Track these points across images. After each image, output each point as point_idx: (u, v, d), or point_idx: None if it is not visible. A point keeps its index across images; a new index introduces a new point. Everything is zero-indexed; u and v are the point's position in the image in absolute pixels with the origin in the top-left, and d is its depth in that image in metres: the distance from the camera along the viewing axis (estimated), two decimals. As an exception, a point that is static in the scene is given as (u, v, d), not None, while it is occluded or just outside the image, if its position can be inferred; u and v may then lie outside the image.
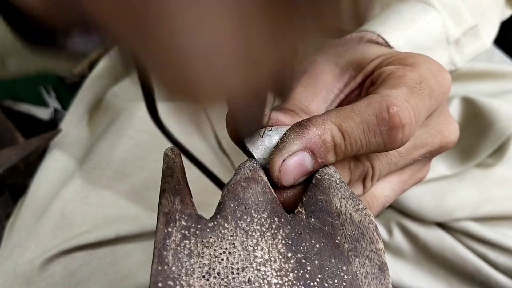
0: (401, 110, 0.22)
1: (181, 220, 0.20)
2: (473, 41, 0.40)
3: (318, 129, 0.22)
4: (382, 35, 0.33)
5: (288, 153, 0.21)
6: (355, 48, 0.29)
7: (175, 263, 0.18)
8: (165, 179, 0.21)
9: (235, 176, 0.22)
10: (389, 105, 0.22)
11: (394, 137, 0.22)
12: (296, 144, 0.21)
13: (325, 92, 0.27)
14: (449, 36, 0.37)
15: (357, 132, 0.22)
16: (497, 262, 0.47)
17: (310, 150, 0.22)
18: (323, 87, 0.27)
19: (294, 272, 0.19)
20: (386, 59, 0.26)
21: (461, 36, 0.38)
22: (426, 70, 0.25)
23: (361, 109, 0.22)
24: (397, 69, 0.25)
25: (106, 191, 0.47)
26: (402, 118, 0.22)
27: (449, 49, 0.37)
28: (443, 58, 0.37)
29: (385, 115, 0.22)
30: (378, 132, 0.22)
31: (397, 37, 0.33)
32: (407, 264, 0.51)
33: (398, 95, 0.22)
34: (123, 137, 0.51)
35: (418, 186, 0.49)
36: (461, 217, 0.48)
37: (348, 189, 0.21)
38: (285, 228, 0.20)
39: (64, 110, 0.94)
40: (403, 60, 0.26)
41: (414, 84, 0.24)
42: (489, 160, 0.50)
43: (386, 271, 0.19)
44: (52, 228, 0.43)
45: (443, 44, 0.37)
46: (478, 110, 0.48)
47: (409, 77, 0.24)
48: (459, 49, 0.38)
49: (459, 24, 0.38)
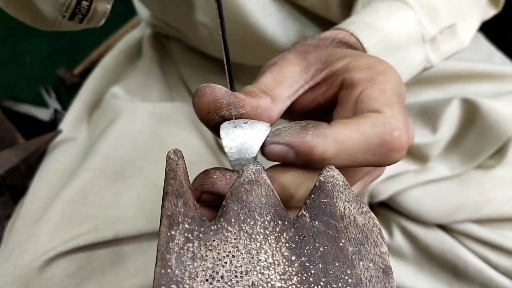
0: (402, 134, 0.23)
1: (184, 223, 0.20)
2: (450, 40, 0.40)
3: (312, 139, 0.22)
4: (354, 34, 0.34)
5: (277, 141, 0.23)
6: (324, 49, 0.30)
7: (178, 266, 0.18)
8: (168, 181, 0.21)
9: (238, 179, 0.21)
10: (392, 129, 0.23)
11: (392, 158, 0.24)
12: (287, 139, 0.23)
13: (291, 80, 0.27)
14: (424, 34, 0.37)
15: (356, 151, 0.23)
16: (498, 264, 0.47)
17: (296, 151, 0.23)
18: (289, 75, 0.27)
19: (298, 275, 0.19)
20: (353, 61, 0.27)
21: (437, 34, 0.38)
22: (395, 80, 0.26)
23: (366, 130, 0.23)
24: (372, 79, 0.25)
25: (105, 192, 0.47)
26: (403, 142, 0.23)
27: (425, 47, 0.38)
28: (418, 55, 0.38)
29: (388, 138, 0.23)
30: (378, 152, 0.23)
31: (369, 36, 0.34)
32: (408, 266, 0.51)
33: (399, 117, 0.24)
34: (123, 138, 0.51)
35: (419, 188, 0.49)
36: (461, 218, 0.48)
37: (352, 191, 0.21)
38: (288, 231, 0.20)
39: (64, 111, 0.94)
40: (371, 66, 0.26)
41: (397, 99, 0.25)
42: (489, 161, 0.50)
43: (391, 275, 0.19)
44: (51, 230, 0.43)
45: (418, 42, 0.37)
46: (478, 111, 0.48)
47: (389, 91, 0.25)
48: (435, 47, 0.39)
49: (435, 22, 0.38)
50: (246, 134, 0.23)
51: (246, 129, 0.23)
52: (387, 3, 0.37)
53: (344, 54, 0.28)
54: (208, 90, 0.23)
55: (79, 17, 0.29)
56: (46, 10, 0.27)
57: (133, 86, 0.60)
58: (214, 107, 0.23)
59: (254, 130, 0.23)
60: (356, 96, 0.25)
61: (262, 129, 0.23)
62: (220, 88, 0.24)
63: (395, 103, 0.24)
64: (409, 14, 0.37)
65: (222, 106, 0.23)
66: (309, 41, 0.31)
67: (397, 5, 0.37)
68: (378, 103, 0.24)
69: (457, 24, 0.40)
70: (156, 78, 0.61)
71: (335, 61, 0.27)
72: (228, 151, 0.23)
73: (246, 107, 0.24)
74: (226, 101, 0.23)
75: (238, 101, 0.24)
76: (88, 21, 0.30)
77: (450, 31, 0.40)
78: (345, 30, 0.34)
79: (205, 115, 0.24)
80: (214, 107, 0.23)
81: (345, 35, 0.33)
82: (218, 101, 0.23)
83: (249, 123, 0.24)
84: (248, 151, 0.23)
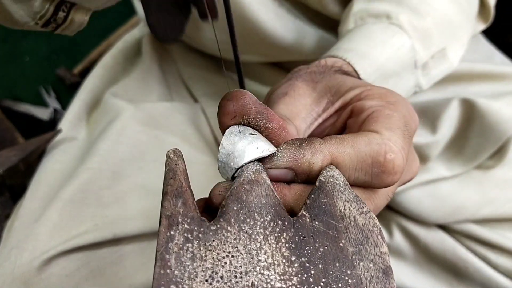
0: (397, 158, 0.23)
1: (183, 223, 0.19)
2: (440, 63, 0.40)
3: (311, 157, 0.22)
4: (351, 63, 0.34)
5: (276, 166, 0.23)
6: (331, 75, 0.30)
7: (177, 266, 0.18)
8: (168, 181, 0.21)
9: (238, 179, 0.21)
10: (387, 151, 0.23)
11: (384, 180, 0.23)
12: (285, 163, 0.22)
13: (305, 113, 0.27)
14: (417, 60, 0.37)
15: (349, 167, 0.23)
16: (498, 264, 0.47)
17: (295, 172, 0.23)
18: (302, 108, 0.27)
19: (298, 276, 0.19)
20: (365, 91, 0.27)
21: (429, 60, 0.39)
22: (406, 111, 0.26)
23: (360, 147, 0.23)
24: (382, 106, 0.25)
25: (104, 192, 0.46)
26: (396, 165, 0.23)
27: (416, 73, 0.38)
28: (410, 81, 0.38)
29: (381, 159, 0.23)
30: (370, 172, 0.23)
31: (366, 65, 0.34)
32: (408, 266, 0.51)
33: (397, 141, 0.24)
34: (122, 138, 0.51)
35: (419, 188, 0.49)
36: (461, 219, 0.48)
37: (352, 192, 0.21)
38: (288, 231, 0.20)
39: (63, 110, 0.94)
40: (384, 96, 0.26)
41: (403, 127, 0.25)
42: (489, 162, 0.50)
43: (391, 275, 0.19)
44: (50, 229, 0.43)
45: (411, 68, 0.37)
46: (478, 111, 0.48)
47: (396, 118, 0.25)
48: (426, 72, 0.39)
49: (428, 47, 0.38)
50: (243, 145, 0.22)
51: (247, 141, 0.23)
52: (381, 25, 0.37)
53: (355, 84, 0.28)
54: (240, 94, 0.23)
55: (53, 26, 0.27)
56: (17, 14, 0.26)
57: (133, 85, 0.60)
58: (242, 113, 0.23)
59: (252, 145, 0.22)
60: (363, 119, 0.25)
61: (261, 149, 0.23)
62: (251, 95, 0.23)
63: (397, 129, 0.24)
64: (404, 39, 0.37)
65: (250, 113, 0.23)
66: (313, 68, 0.31)
67: (392, 29, 0.37)
68: (379, 125, 0.24)
69: (447, 47, 0.40)
70: (155, 78, 0.61)
71: (346, 92, 0.27)
72: (220, 150, 0.23)
73: (273, 123, 0.23)
74: (255, 108, 0.23)
75: (267, 113, 0.23)
76: (62, 30, 0.28)
77: (441, 55, 0.40)
78: (341, 59, 0.34)
79: (231, 119, 0.23)
80: (242, 113, 0.23)
81: (342, 63, 0.34)
82: (248, 107, 0.23)
83: (255, 137, 0.23)
84: (235, 160, 0.22)
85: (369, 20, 0.39)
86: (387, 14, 0.38)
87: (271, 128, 0.23)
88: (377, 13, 0.39)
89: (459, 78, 0.53)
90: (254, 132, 0.23)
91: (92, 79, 0.61)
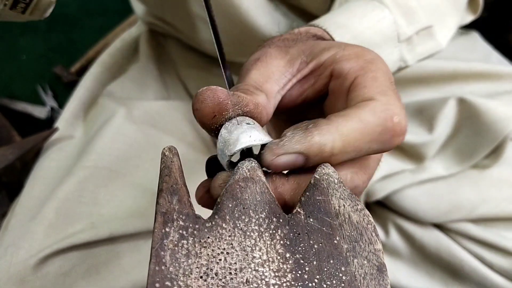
0: (402, 119, 0.23)
1: (178, 220, 0.19)
2: (426, 41, 0.40)
3: (320, 138, 0.22)
4: (327, 30, 0.33)
5: (286, 151, 0.22)
6: (304, 41, 0.30)
7: (172, 263, 0.18)
8: (163, 178, 0.21)
9: (233, 176, 0.21)
10: (392, 115, 0.23)
11: (394, 142, 0.24)
12: (296, 147, 0.22)
13: (278, 75, 0.27)
14: (400, 34, 0.37)
15: (362, 141, 0.23)
16: (493, 263, 0.47)
17: (306, 156, 0.22)
18: (275, 69, 0.27)
19: (293, 272, 0.19)
20: (340, 50, 0.27)
21: (413, 35, 0.38)
22: (383, 66, 0.26)
23: (368, 119, 0.23)
24: (362, 69, 0.25)
25: (100, 190, 0.46)
26: (403, 125, 0.23)
27: (400, 47, 0.38)
28: (393, 55, 0.38)
29: (389, 124, 0.23)
30: (381, 140, 0.23)
31: (343, 33, 0.34)
32: (404, 265, 0.51)
33: (395, 103, 0.24)
34: (118, 136, 0.51)
35: (415, 187, 0.49)
36: (457, 218, 0.48)
37: (347, 189, 0.21)
38: (283, 228, 0.20)
39: (60, 109, 0.94)
40: (360, 55, 0.26)
41: (390, 85, 0.25)
42: (485, 161, 0.50)
43: (385, 272, 0.19)
44: (46, 228, 0.43)
45: (394, 41, 0.37)
46: (474, 111, 0.48)
47: (382, 79, 0.25)
48: (411, 47, 0.39)
49: (412, 23, 0.38)
50: (238, 133, 0.23)
51: (242, 129, 0.23)
52: (362, 2, 0.37)
53: (329, 45, 0.28)
54: (210, 93, 0.23)
55: (21, 6, 0.26)
56: None
57: (130, 84, 0.60)
58: (220, 110, 0.23)
59: (246, 134, 0.23)
60: (347, 85, 0.25)
61: (253, 138, 0.23)
62: (222, 90, 0.23)
63: (388, 90, 0.24)
64: (385, 13, 0.37)
65: (228, 107, 0.23)
66: (286, 36, 0.31)
67: (372, 4, 0.37)
68: (372, 91, 0.24)
69: (434, 26, 0.40)
70: (152, 77, 0.61)
71: (320, 52, 0.27)
72: (218, 138, 0.23)
73: (249, 105, 0.24)
74: (230, 101, 0.23)
75: (242, 99, 0.23)
76: (31, 12, 0.28)
77: (427, 32, 0.40)
78: (318, 27, 0.34)
79: (211, 119, 0.23)
80: (220, 110, 0.23)
81: (317, 31, 0.33)
82: (223, 103, 0.23)
83: (251, 126, 0.23)
84: (229, 148, 0.22)
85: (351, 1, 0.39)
86: None
87: (249, 111, 0.24)
88: None
89: (455, 77, 0.53)
90: (252, 122, 0.23)
91: (89, 78, 0.61)
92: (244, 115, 0.24)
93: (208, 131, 0.24)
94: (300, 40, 0.30)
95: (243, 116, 0.23)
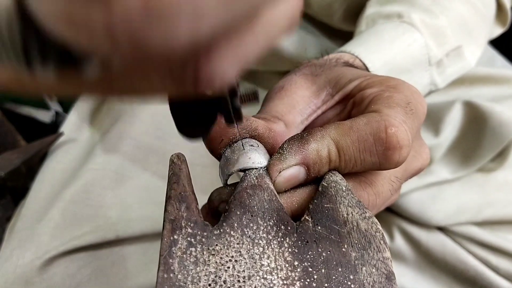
0: (399, 131, 0.22)
1: (187, 228, 0.20)
2: (456, 62, 0.40)
3: (316, 144, 0.22)
4: (359, 57, 0.33)
5: (287, 165, 0.22)
6: (331, 69, 0.30)
7: (181, 271, 0.18)
8: (171, 185, 0.21)
9: (241, 183, 0.21)
10: (387, 125, 0.22)
11: (391, 157, 0.23)
12: (295, 158, 0.22)
13: (302, 105, 0.27)
14: (431, 57, 0.37)
15: (352, 150, 0.22)
16: (499, 267, 0.47)
17: (306, 165, 0.22)
18: (300, 100, 0.27)
19: (301, 280, 0.19)
20: (365, 80, 0.26)
21: (443, 57, 0.38)
22: (408, 92, 0.25)
23: (359, 127, 0.22)
24: (382, 91, 0.25)
25: (107, 192, 0.47)
26: (400, 139, 0.22)
27: (431, 70, 0.37)
28: (424, 79, 0.37)
29: (382, 135, 0.22)
30: (374, 151, 0.22)
31: (374, 59, 0.33)
32: (409, 269, 0.51)
33: (396, 115, 0.23)
34: (125, 139, 0.51)
35: (420, 190, 0.49)
36: (462, 221, 0.48)
37: (355, 197, 0.21)
38: (291, 236, 0.20)
39: (65, 113, 0.94)
40: (384, 81, 0.26)
41: (403, 104, 0.24)
42: (490, 164, 0.50)
43: (394, 280, 0.19)
44: (52, 230, 0.43)
45: (424, 65, 0.37)
46: (480, 114, 0.48)
47: (397, 97, 0.24)
48: (442, 70, 0.38)
49: (442, 45, 0.38)
50: (239, 154, 0.23)
51: (244, 151, 0.23)
52: (392, 24, 0.37)
53: (355, 75, 0.27)
54: None
55: None
56: None
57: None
58: (227, 134, 0.23)
59: (246, 156, 0.23)
60: (364, 107, 0.25)
61: (252, 160, 0.23)
62: None
63: (397, 106, 0.24)
64: (416, 36, 0.36)
65: (235, 131, 0.23)
66: (314, 62, 0.31)
67: (403, 27, 0.36)
68: (378, 106, 0.24)
69: (463, 46, 0.39)
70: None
71: (346, 84, 0.27)
72: (222, 156, 0.24)
73: (259, 129, 0.24)
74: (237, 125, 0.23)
75: (250, 123, 0.23)
76: None
77: (456, 53, 0.39)
78: (349, 53, 0.33)
79: (219, 143, 0.23)
80: (227, 134, 0.23)
81: (349, 57, 0.33)
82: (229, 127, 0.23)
83: (253, 148, 0.23)
84: (229, 167, 0.23)
85: (380, 21, 0.39)
86: (398, 13, 0.38)
87: (258, 135, 0.24)
88: (389, 14, 0.39)
89: (461, 81, 0.53)
90: (256, 144, 0.24)
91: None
92: (253, 138, 0.24)
93: (216, 157, 0.24)
94: (328, 67, 0.30)
95: (249, 138, 0.24)
